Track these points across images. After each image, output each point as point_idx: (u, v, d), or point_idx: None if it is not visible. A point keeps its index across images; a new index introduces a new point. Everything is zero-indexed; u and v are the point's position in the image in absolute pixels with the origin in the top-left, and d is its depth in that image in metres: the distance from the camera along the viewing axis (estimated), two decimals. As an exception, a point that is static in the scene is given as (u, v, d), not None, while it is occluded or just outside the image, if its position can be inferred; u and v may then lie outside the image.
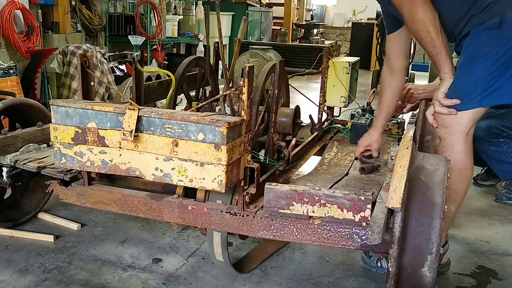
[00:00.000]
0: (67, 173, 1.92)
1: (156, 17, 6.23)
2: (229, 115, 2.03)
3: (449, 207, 1.96)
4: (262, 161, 1.93)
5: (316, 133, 2.59)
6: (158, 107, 2.42)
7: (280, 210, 1.56)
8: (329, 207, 1.50)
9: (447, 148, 1.91)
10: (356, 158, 2.30)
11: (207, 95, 2.55)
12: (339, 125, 2.81)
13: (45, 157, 2.11)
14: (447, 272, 2.16)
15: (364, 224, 1.49)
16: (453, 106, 1.87)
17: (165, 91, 2.43)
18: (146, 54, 6.02)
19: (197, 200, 1.77)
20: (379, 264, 2.14)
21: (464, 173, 1.92)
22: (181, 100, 4.15)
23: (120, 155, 1.66)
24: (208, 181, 1.55)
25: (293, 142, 2.11)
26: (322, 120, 2.71)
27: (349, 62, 2.64)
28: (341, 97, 2.66)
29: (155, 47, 6.28)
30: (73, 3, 5.49)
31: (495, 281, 2.14)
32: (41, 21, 5.03)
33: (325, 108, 2.74)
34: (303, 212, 1.53)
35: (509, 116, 2.92)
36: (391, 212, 1.41)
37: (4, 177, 2.17)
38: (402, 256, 1.39)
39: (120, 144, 1.64)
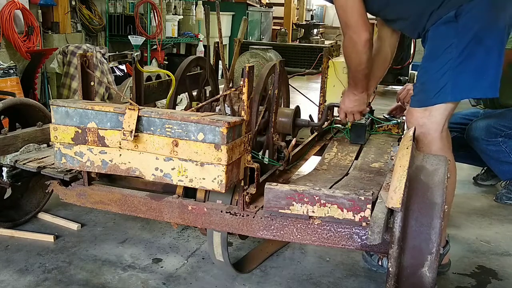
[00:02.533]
0: (67, 173, 1.91)
1: (156, 17, 6.23)
2: (229, 115, 2.03)
3: None
4: (262, 160, 1.93)
5: (316, 133, 2.59)
6: (158, 107, 2.42)
7: (280, 210, 1.56)
8: (329, 207, 1.50)
9: (425, 149, 1.92)
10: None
11: (207, 95, 2.55)
12: (339, 125, 2.81)
13: (45, 157, 2.11)
14: (447, 272, 2.16)
15: (364, 224, 1.49)
16: (424, 101, 1.91)
17: (165, 91, 2.43)
18: (146, 54, 6.02)
19: (197, 200, 1.77)
20: (380, 263, 2.14)
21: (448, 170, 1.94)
22: (181, 100, 4.15)
23: (120, 155, 1.66)
24: (208, 181, 1.55)
25: (293, 142, 2.11)
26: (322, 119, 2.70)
27: (349, 62, 2.63)
28: (341, 97, 2.66)
29: (155, 47, 6.28)
30: (73, 3, 5.49)
31: (495, 281, 2.15)
32: (41, 21, 5.03)
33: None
34: (303, 212, 1.53)
35: (507, 115, 2.93)
36: (391, 212, 1.41)
37: (4, 177, 2.17)
38: (402, 256, 1.39)
39: (120, 144, 1.64)
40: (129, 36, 2.26)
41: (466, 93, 1.89)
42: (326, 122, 2.77)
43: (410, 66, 7.40)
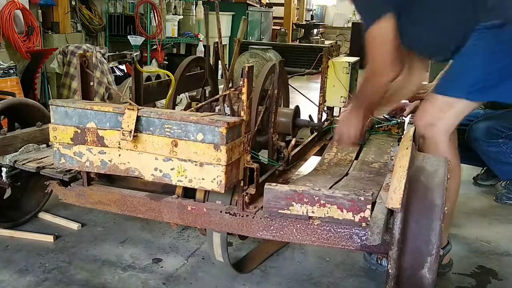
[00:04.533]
0: (67, 173, 1.91)
1: (156, 17, 6.23)
2: (228, 115, 2.03)
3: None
4: (261, 160, 1.93)
5: (316, 133, 2.59)
6: (157, 107, 2.42)
7: (279, 211, 1.55)
8: (329, 208, 1.50)
9: (432, 146, 1.92)
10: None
11: (207, 95, 2.55)
12: (339, 125, 2.80)
13: (44, 157, 2.11)
14: (448, 272, 2.15)
15: (364, 224, 1.49)
16: (457, 90, 1.88)
17: (164, 91, 2.43)
18: (146, 54, 6.02)
19: (196, 200, 1.76)
20: (379, 262, 2.14)
21: (452, 169, 1.93)
22: (181, 100, 4.15)
23: (120, 155, 1.66)
24: (207, 181, 1.55)
25: (293, 142, 2.11)
26: (322, 120, 2.70)
27: (349, 62, 2.63)
28: (341, 97, 2.65)
29: (155, 47, 6.27)
30: (73, 3, 5.49)
31: (495, 281, 2.14)
32: (41, 21, 5.02)
33: (325, 108, 2.74)
34: (302, 213, 1.53)
35: (507, 117, 2.93)
36: (391, 212, 1.41)
37: (4, 177, 2.17)
38: (402, 257, 1.39)
39: (119, 144, 1.64)
40: (129, 36, 2.26)
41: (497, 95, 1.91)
42: (326, 122, 2.77)
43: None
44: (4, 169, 2.16)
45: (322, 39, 11.38)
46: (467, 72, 1.85)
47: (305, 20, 12.16)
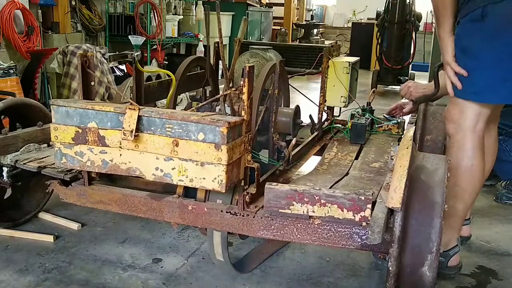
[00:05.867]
0: (68, 173, 1.91)
1: (156, 17, 6.23)
2: (229, 115, 2.03)
3: (455, 205, 1.96)
4: (262, 160, 1.93)
5: (316, 133, 2.60)
6: (158, 107, 2.42)
7: (280, 210, 1.56)
8: (329, 207, 1.50)
9: (455, 144, 1.94)
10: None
11: (208, 95, 2.55)
12: (339, 125, 2.81)
13: (45, 157, 2.11)
14: (456, 275, 2.13)
15: (364, 224, 1.49)
16: (455, 93, 1.89)
17: (165, 91, 2.43)
18: (146, 54, 6.02)
19: (197, 200, 1.77)
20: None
21: (470, 170, 1.92)
22: (181, 100, 4.15)
23: (121, 155, 1.66)
24: (208, 181, 1.55)
25: (293, 142, 2.11)
26: (322, 120, 2.71)
27: (349, 62, 2.64)
28: (341, 97, 2.66)
29: (155, 47, 6.28)
30: (73, 3, 5.49)
31: (495, 281, 2.15)
32: (41, 21, 5.03)
33: (325, 108, 2.74)
34: (303, 212, 1.53)
35: (508, 114, 2.93)
36: (391, 211, 1.41)
37: (5, 177, 2.17)
38: (402, 255, 1.39)
39: (120, 144, 1.64)
40: (129, 36, 2.26)
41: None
42: (326, 122, 2.77)
43: (410, 66, 7.41)
44: (5, 169, 2.16)
45: (322, 39, 11.38)
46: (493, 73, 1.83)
47: (305, 20, 12.15)
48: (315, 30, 10.42)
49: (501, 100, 1.97)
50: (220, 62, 2.52)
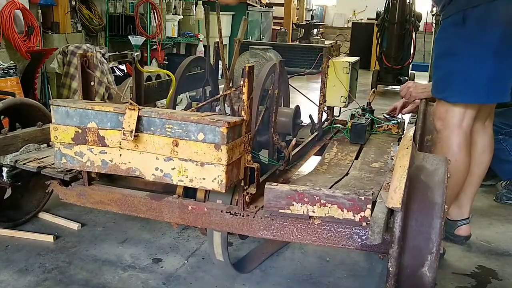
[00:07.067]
0: (67, 173, 1.91)
1: (156, 17, 6.23)
2: (229, 115, 2.03)
3: None
4: (262, 160, 1.93)
5: (316, 133, 2.59)
6: (158, 107, 2.42)
7: (280, 210, 1.55)
8: (329, 207, 1.50)
9: (442, 140, 2.05)
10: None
11: (207, 95, 2.55)
12: (339, 125, 2.81)
13: (45, 157, 2.11)
14: (464, 243, 2.29)
15: (364, 224, 1.49)
16: (435, 94, 2.07)
17: (165, 91, 2.43)
18: (146, 54, 6.01)
19: (197, 200, 1.76)
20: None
21: (454, 165, 1.98)
22: (181, 100, 4.15)
23: (120, 155, 1.66)
24: (208, 181, 1.55)
25: (293, 142, 2.11)
26: (322, 120, 2.71)
27: (349, 62, 2.63)
28: (341, 97, 2.66)
29: (155, 47, 6.27)
30: (73, 3, 5.49)
31: (495, 281, 2.15)
32: (41, 21, 5.02)
33: (325, 108, 2.74)
34: (303, 212, 1.53)
35: (507, 113, 2.93)
36: (391, 212, 1.41)
37: (4, 177, 2.17)
38: (402, 256, 1.39)
39: (120, 144, 1.64)
40: (129, 36, 2.25)
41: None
42: (326, 122, 2.77)
43: (410, 66, 7.41)
44: (5, 169, 2.16)
45: (322, 39, 11.37)
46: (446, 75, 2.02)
47: (305, 20, 12.14)
48: (315, 30, 10.42)
49: (483, 101, 2.05)
50: (220, 62, 2.52)
